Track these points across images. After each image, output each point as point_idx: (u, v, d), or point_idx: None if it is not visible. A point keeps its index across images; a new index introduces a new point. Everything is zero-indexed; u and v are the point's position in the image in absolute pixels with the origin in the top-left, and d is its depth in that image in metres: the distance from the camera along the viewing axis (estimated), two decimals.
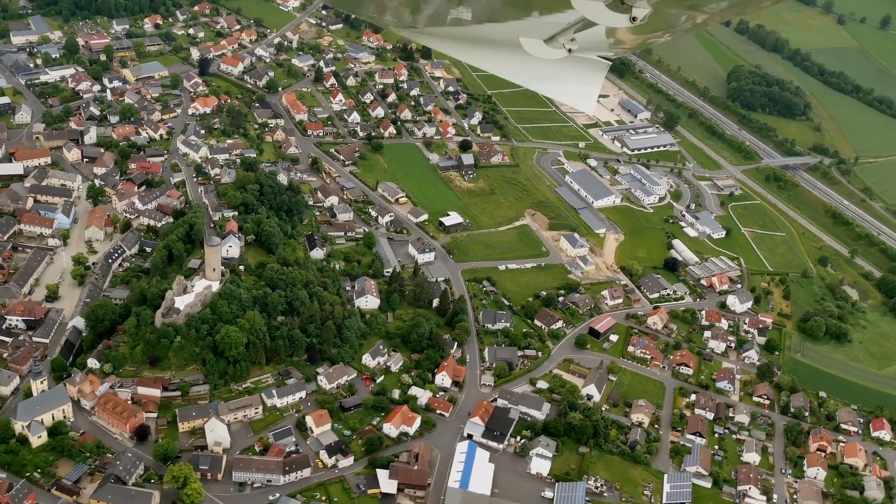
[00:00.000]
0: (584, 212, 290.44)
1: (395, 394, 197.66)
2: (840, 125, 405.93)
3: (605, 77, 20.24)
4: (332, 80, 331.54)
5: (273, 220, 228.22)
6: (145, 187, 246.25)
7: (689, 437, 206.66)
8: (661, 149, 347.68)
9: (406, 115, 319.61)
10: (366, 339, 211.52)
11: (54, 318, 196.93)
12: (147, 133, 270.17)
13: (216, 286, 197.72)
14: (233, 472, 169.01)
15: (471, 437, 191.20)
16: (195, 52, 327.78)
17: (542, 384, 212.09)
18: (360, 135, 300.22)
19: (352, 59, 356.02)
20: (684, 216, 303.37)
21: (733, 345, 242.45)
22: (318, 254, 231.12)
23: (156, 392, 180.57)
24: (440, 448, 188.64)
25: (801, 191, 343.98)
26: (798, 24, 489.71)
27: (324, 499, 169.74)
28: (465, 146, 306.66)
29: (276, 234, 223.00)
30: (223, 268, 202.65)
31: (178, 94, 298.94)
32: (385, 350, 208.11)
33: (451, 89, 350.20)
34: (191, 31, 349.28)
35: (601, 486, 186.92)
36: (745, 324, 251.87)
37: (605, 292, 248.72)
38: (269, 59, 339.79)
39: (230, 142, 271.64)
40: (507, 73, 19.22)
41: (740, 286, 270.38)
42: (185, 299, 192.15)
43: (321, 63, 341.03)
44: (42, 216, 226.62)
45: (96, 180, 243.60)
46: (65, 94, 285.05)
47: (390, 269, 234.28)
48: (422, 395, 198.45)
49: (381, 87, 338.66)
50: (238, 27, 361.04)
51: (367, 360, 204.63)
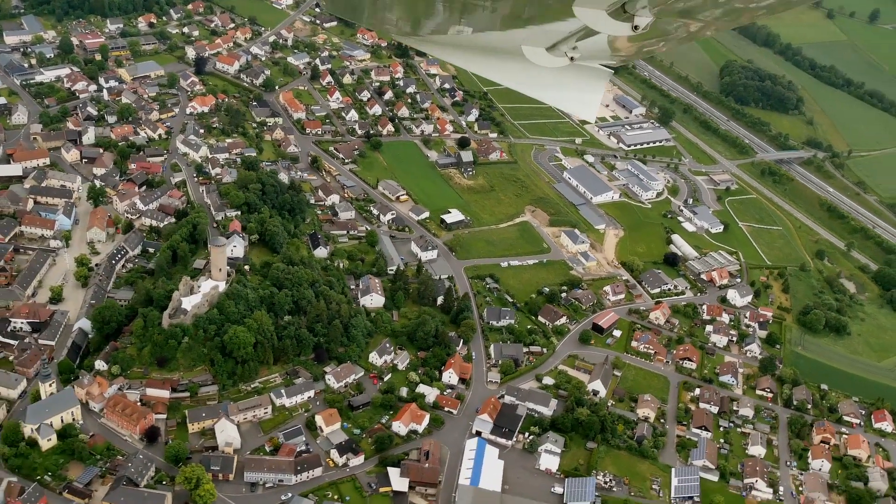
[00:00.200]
0: (584, 208, 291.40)
1: (403, 392, 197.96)
2: (832, 119, 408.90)
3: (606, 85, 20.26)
4: (329, 78, 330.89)
5: (276, 219, 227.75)
6: (146, 187, 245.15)
7: (694, 430, 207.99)
8: (657, 144, 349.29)
9: (403, 112, 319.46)
10: (372, 337, 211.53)
11: (59, 320, 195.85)
12: (146, 133, 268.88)
13: (222, 286, 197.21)
14: (244, 472, 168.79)
15: (479, 434, 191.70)
16: (190, 51, 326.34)
17: (548, 380, 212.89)
18: (359, 133, 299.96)
19: (347, 57, 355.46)
20: (682, 211, 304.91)
21: (735, 339, 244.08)
22: (321, 253, 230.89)
23: (165, 393, 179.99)
24: (449, 445, 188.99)
25: (796, 185, 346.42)
26: (789, 19, 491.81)
27: (336, 498, 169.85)
28: (463, 143, 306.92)
29: (281, 233, 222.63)
30: (228, 268, 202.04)
31: (175, 93, 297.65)
32: (391, 348, 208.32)
33: (447, 86, 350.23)
34: (185, 29, 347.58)
35: (610, 480, 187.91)
36: (746, 318, 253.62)
37: (606, 288, 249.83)
38: (264, 58, 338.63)
39: (230, 141, 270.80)
40: (509, 81, 19.18)
41: (740, 280, 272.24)
42: (191, 300, 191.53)
43: (317, 61, 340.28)
44: (43, 218, 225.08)
45: (96, 181, 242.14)
46: (61, 95, 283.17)
47: (394, 268, 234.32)
48: (429, 392, 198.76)
49: (378, 84, 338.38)
50: (232, 25, 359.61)
51: (373, 358, 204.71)
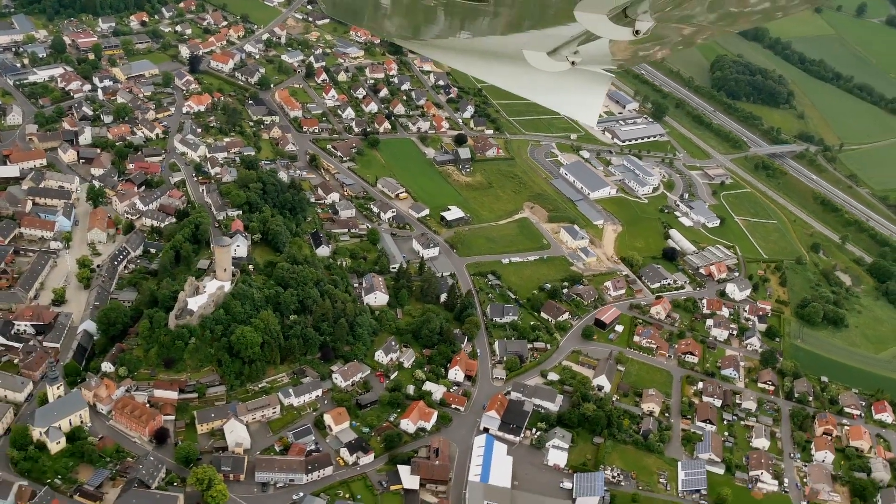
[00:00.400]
0: (581, 203, 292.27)
1: (410, 389, 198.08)
2: (822, 113, 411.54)
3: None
4: (324, 76, 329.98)
5: (278, 218, 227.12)
6: (145, 188, 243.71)
7: (699, 424, 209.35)
8: (651, 139, 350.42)
9: (399, 109, 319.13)
10: (377, 335, 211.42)
11: (63, 322, 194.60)
12: (143, 132, 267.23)
13: (228, 286, 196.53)
14: (255, 472, 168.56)
15: (487, 430, 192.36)
16: (184, 50, 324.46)
17: (553, 376, 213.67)
18: (356, 130, 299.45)
19: (341, 54, 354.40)
20: (678, 206, 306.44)
21: (735, 332, 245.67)
22: (323, 251, 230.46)
23: (173, 394, 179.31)
24: (457, 442, 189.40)
25: (790, 179, 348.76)
26: None
27: (347, 497, 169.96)
28: (460, 140, 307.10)
29: (283, 232, 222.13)
30: (233, 268, 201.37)
31: (170, 92, 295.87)
32: (397, 346, 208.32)
33: (441, 83, 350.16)
34: (178, 28, 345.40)
35: (618, 475, 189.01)
36: (745, 311, 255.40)
37: (607, 283, 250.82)
38: (258, 56, 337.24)
39: (228, 140, 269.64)
40: (510, 85, 19.20)
41: (738, 274, 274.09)
42: (197, 300, 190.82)
43: (311, 59, 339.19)
44: (43, 219, 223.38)
45: (95, 181, 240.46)
46: (55, 95, 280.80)
47: (396, 265, 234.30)
48: (436, 390, 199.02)
49: (373, 81, 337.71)
50: (225, 23, 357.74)
51: (379, 356, 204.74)
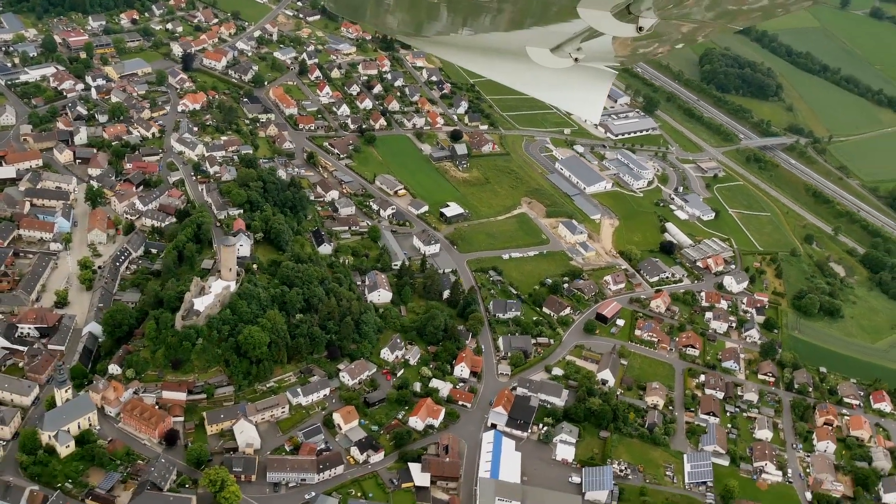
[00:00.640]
0: (578, 198, 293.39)
1: (417, 387, 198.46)
2: (811, 105, 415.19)
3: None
4: (317, 73, 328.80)
5: (280, 216, 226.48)
6: (143, 187, 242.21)
7: (702, 416, 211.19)
8: (644, 133, 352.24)
9: (394, 106, 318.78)
10: (381, 333, 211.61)
11: (67, 324, 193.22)
12: (139, 132, 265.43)
13: (233, 286, 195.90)
14: (267, 472, 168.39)
15: (495, 426, 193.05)
16: (176, 48, 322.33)
17: (558, 371, 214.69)
18: (352, 127, 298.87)
19: (333, 51, 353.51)
20: (673, 199, 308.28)
21: (734, 324, 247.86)
22: (325, 249, 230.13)
23: (181, 396, 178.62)
24: (466, 439, 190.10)
25: (782, 171, 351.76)
26: None
27: (359, 495, 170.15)
28: (456, 136, 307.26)
29: (286, 231, 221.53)
30: (238, 267, 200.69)
31: (164, 90, 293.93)
32: (402, 344, 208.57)
33: (434, 79, 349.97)
34: (169, 25, 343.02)
35: (625, 469, 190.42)
36: (743, 304, 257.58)
37: (607, 277, 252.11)
38: (251, 53, 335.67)
39: (225, 138, 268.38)
40: (513, 82, 19.22)
41: (734, 267, 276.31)
42: (203, 301, 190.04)
43: (304, 56, 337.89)
44: (42, 220, 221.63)
45: (93, 182, 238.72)
46: (48, 94, 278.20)
47: (398, 263, 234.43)
48: (443, 387, 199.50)
49: (366, 78, 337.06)
50: (216, 21, 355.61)
51: (385, 354, 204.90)
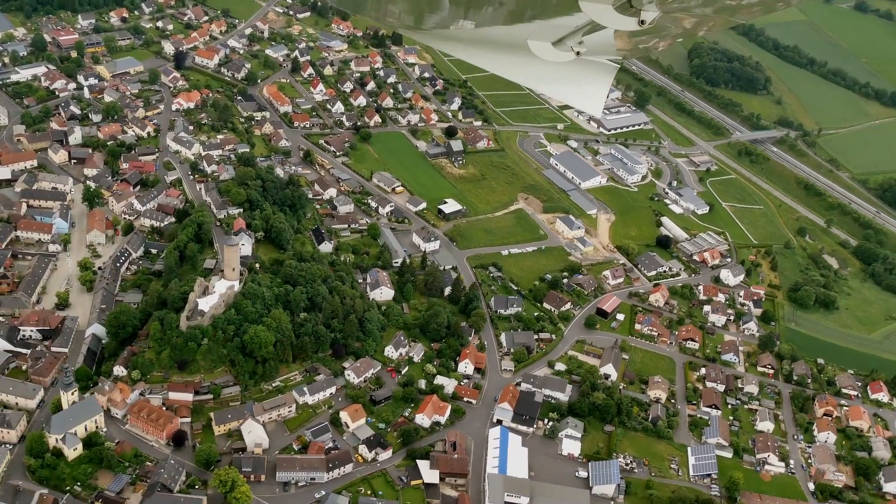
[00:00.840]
0: (574, 193, 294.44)
1: (422, 384, 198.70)
2: (799, 98, 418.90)
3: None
4: (310, 70, 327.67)
5: (280, 215, 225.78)
6: (140, 187, 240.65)
7: (704, 409, 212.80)
8: (636, 128, 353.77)
9: (388, 103, 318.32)
10: (385, 331, 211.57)
11: (70, 326, 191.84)
12: (134, 131, 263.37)
13: (237, 286, 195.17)
14: (276, 472, 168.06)
15: (500, 422, 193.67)
16: (167, 46, 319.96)
17: (560, 366, 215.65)
18: (347, 125, 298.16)
19: (324, 48, 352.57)
20: (668, 194, 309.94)
21: (732, 317, 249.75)
22: (326, 248, 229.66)
23: (188, 396, 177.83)
24: (472, 435, 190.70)
25: (773, 164, 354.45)
26: None
27: (369, 493, 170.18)
28: (450, 132, 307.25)
29: (287, 229, 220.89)
30: (241, 267, 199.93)
31: (157, 89, 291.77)
32: (406, 341, 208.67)
33: (426, 75, 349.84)
34: (159, 23, 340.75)
35: (631, 462, 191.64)
36: (741, 296, 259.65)
37: (606, 272, 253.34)
38: (242, 51, 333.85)
39: (221, 137, 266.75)
40: (515, 76, 19.20)
41: (730, 260, 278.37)
42: (208, 301, 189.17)
43: (296, 53, 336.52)
44: (39, 222, 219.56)
45: (89, 182, 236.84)
46: (40, 94, 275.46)
47: (399, 260, 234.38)
48: (448, 383, 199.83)
49: (359, 75, 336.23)
50: (206, 18, 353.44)
51: (389, 351, 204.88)
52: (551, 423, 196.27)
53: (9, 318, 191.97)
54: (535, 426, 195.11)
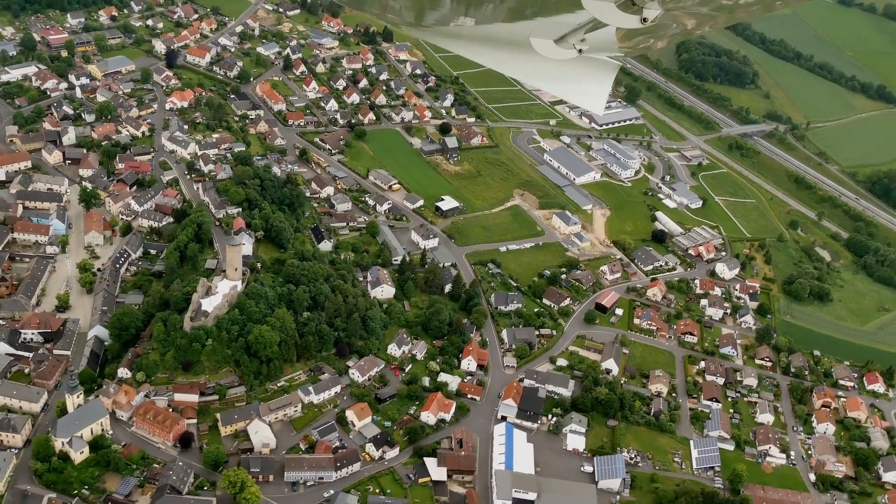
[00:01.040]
0: (569, 189, 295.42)
1: (426, 381, 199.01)
2: (787, 92, 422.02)
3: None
4: (302, 68, 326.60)
5: (279, 214, 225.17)
6: (137, 187, 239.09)
7: (705, 402, 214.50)
8: (628, 123, 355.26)
9: (381, 100, 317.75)
10: (387, 329, 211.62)
11: (72, 328, 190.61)
12: (128, 131, 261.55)
13: (240, 286, 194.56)
14: (285, 471, 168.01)
15: (505, 418, 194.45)
16: (158, 44, 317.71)
17: (562, 361, 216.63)
18: (341, 122, 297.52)
19: (316, 45, 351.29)
20: (661, 188, 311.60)
21: (729, 311, 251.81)
22: (325, 246, 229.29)
23: (193, 397, 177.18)
24: (477, 432, 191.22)
25: (763, 158, 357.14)
26: None
27: (377, 492, 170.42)
28: (444, 129, 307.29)
29: (287, 228, 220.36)
30: (243, 267, 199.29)
31: (150, 88, 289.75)
32: (408, 339, 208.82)
33: (418, 72, 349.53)
34: (149, 22, 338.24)
35: (635, 456, 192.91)
36: (737, 290, 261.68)
37: (604, 267, 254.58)
38: (234, 49, 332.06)
39: (216, 136, 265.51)
40: (516, 73, 19.33)
41: (725, 254, 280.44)
42: (211, 301, 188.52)
43: (287, 51, 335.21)
44: (36, 223, 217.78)
45: (85, 183, 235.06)
46: (31, 94, 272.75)
47: (399, 258, 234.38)
48: (451, 381, 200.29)
49: (351, 72, 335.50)
50: (196, 16, 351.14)
51: (392, 349, 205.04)
52: (555, 419, 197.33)
53: (9, 321, 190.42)
54: (539, 422, 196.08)
